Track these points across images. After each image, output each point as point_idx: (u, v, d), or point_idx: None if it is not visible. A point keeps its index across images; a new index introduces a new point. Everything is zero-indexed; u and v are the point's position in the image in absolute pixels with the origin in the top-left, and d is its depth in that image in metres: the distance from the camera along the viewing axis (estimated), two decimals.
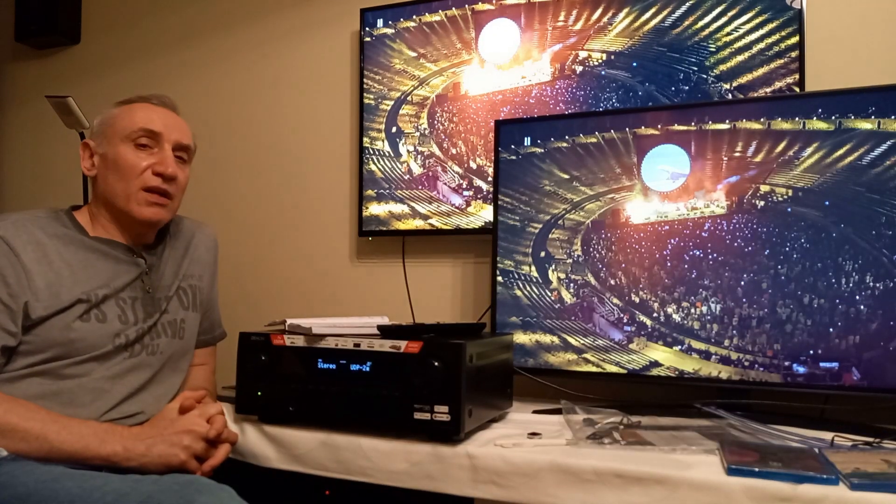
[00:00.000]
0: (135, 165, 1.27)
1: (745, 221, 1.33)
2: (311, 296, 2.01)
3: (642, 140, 1.43)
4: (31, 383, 1.17)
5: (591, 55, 1.67)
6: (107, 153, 1.29)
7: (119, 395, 1.23)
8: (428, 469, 1.13)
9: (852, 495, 0.91)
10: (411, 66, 1.85)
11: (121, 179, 1.27)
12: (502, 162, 1.55)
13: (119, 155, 1.27)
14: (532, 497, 1.06)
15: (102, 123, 1.32)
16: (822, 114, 1.29)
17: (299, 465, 1.22)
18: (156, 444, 1.12)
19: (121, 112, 1.31)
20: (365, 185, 1.89)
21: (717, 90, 1.55)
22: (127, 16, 2.33)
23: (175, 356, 1.35)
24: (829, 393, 1.28)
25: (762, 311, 1.31)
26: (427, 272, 1.87)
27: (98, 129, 1.32)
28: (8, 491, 1.00)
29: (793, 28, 1.49)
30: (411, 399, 1.14)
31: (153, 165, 1.28)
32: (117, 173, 1.27)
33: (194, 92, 2.19)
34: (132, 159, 1.27)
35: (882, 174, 1.24)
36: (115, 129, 1.29)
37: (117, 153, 1.27)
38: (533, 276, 1.51)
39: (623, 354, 1.41)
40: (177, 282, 1.37)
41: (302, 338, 1.24)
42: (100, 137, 1.31)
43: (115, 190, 1.27)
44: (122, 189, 1.27)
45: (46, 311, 1.17)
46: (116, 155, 1.27)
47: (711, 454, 1.06)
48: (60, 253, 1.22)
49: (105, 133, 1.30)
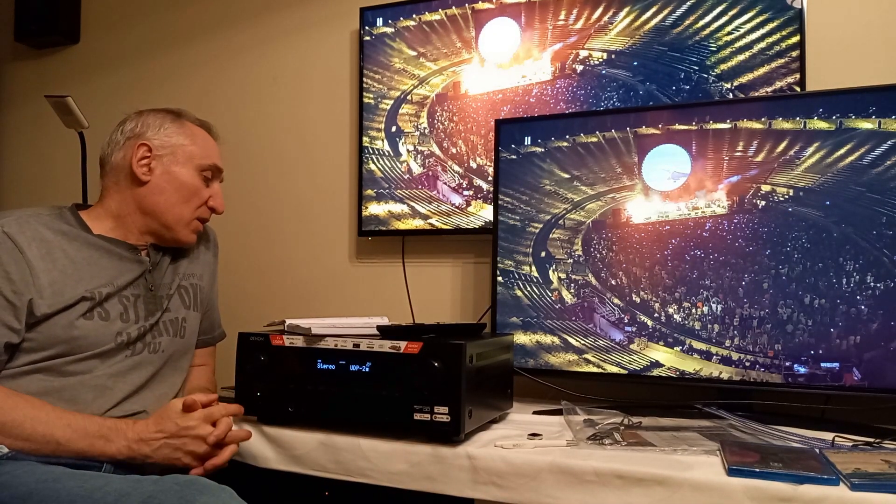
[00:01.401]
0: (200, 197, 1.35)
1: (746, 221, 1.33)
2: (310, 296, 2.01)
3: (643, 139, 1.43)
4: (34, 380, 1.17)
5: (592, 54, 1.67)
6: (173, 171, 1.32)
7: (121, 392, 1.23)
8: (428, 470, 1.12)
9: (853, 496, 0.91)
10: (411, 66, 1.85)
11: (182, 203, 1.33)
12: (502, 161, 1.55)
13: (188, 181, 1.33)
14: (532, 498, 1.06)
15: (170, 137, 1.33)
16: (823, 113, 1.29)
17: (299, 466, 1.22)
18: (161, 447, 1.12)
19: (191, 135, 1.35)
20: (364, 185, 1.89)
21: (717, 90, 1.55)
22: (126, 15, 2.33)
23: (176, 355, 1.35)
24: (829, 393, 1.28)
25: (763, 312, 1.31)
26: (427, 272, 1.87)
27: (163, 139, 1.32)
28: (8, 491, 1.00)
29: (793, 28, 1.49)
30: (411, 400, 1.14)
31: (210, 199, 1.37)
32: (181, 196, 1.32)
33: (194, 91, 2.19)
34: (199, 190, 1.35)
35: (883, 174, 1.24)
36: (189, 154, 1.33)
37: (186, 178, 1.33)
38: (533, 276, 1.51)
39: (624, 355, 1.41)
40: (178, 280, 1.37)
41: (301, 338, 1.24)
42: (166, 150, 1.32)
43: (172, 209, 1.32)
44: (179, 212, 1.32)
45: (50, 308, 1.17)
46: (184, 178, 1.33)
47: (712, 455, 1.06)
48: (65, 250, 1.22)
49: (174, 150, 1.33)
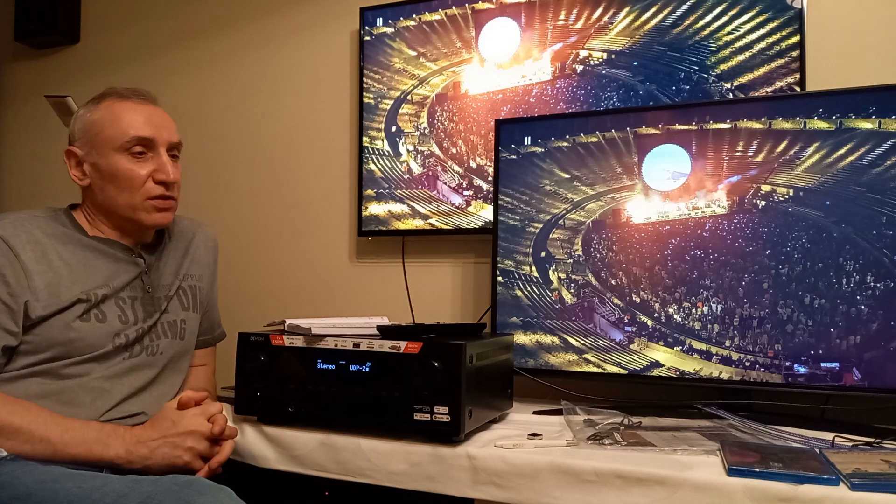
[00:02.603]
0: (135, 177, 1.24)
1: (747, 221, 1.33)
2: (310, 296, 2.01)
3: (643, 139, 1.43)
4: (32, 383, 1.17)
5: (592, 54, 1.67)
6: (99, 164, 1.24)
7: (119, 394, 1.23)
8: (428, 470, 1.12)
9: (853, 496, 0.90)
10: (411, 66, 1.85)
11: (122, 191, 1.24)
12: (502, 161, 1.55)
13: (115, 167, 1.23)
14: (532, 498, 1.06)
15: (86, 130, 1.25)
16: (823, 113, 1.29)
17: (298, 466, 1.22)
18: (159, 447, 1.12)
19: (103, 117, 1.24)
20: (364, 185, 1.89)
21: (717, 89, 1.55)
22: (126, 15, 2.33)
23: (176, 357, 1.34)
24: (829, 393, 1.28)
25: (763, 312, 1.31)
26: (427, 272, 1.87)
27: (81, 135, 1.26)
28: (8, 491, 1.00)
29: (793, 28, 1.49)
30: (411, 400, 1.14)
31: (153, 174, 1.25)
32: (117, 186, 1.24)
33: (194, 91, 2.19)
34: (131, 171, 1.23)
35: (883, 174, 1.24)
36: (104, 139, 1.23)
37: (113, 165, 1.23)
38: (533, 276, 1.51)
39: (624, 355, 1.41)
40: (177, 282, 1.37)
41: (301, 338, 1.24)
42: (87, 146, 1.25)
43: (118, 201, 1.25)
44: (126, 200, 1.24)
45: (46, 310, 1.16)
46: (112, 167, 1.23)
47: (712, 455, 1.06)
48: (59, 252, 1.22)
49: (92, 142, 1.24)
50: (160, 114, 1.29)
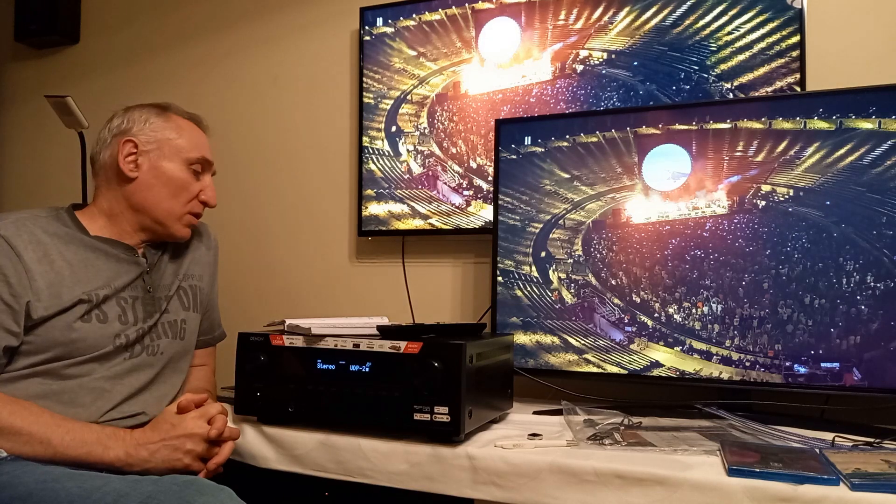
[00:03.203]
0: (190, 191, 1.33)
1: (747, 221, 1.33)
2: (310, 296, 2.01)
3: (643, 139, 1.43)
4: (32, 383, 1.17)
5: (592, 54, 1.67)
6: (161, 166, 1.30)
7: (120, 395, 1.23)
8: (428, 470, 1.12)
9: (853, 496, 0.90)
10: (411, 65, 1.85)
11: (171, 198, 1.31)
12: (503, 161, 1.55)
13: (176, 175, 1.31)
14: (532, 498, 1.06)
15: (156, 131, 1.31)
16: (823, 113, 1.29)
17: (298, 466, 1.22)
18: (159, 449, 1.12)
19: (179, 127, 1.33)
20: (364, 185, 1.89)
21: (718, 89, 1.55)
22: (126, 15, 2.33)
23: (176, 357, 1.35)
24: (829, 393, 1.28)
25: (763, 312, 1.31)
26: (427, 272, 1.87)
27: (149, 134, 1.31)
28: (8, 491, 1.00)
29: (793, 28, 1.49)
30: (411, 400, 1.14)
31: (200, 193, 1.35)
32: (170, 191, 1.31)
33: (193, 91, 2.19)
34: (189, 183, 1.33)
35: (883, 174, 1.24)
36: (175, 147, 1.32)
37: (175, 172, 1.31)
38: (533, 276, 1.51)
39: (624, 355, 1.41)
40: (177, 282, 1.37)
41: (301, 338, 1.24)
42: (152, 145, 1.30)
43: (162, 204, 1.30)
44: (170, 207, 1.31)
45: (48, 310, 1.16)
46: (173, 173, 1.31)
47: (712, 455, 1.06)
48: (61, 252, 1.21)
49: (161, 145, 1.31)
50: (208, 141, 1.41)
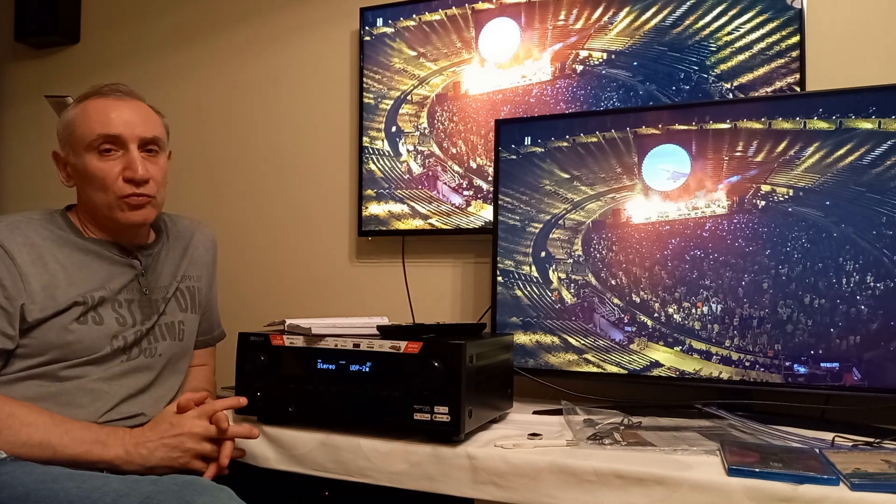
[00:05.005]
0: (104, 177, 1.21)
1: (746, 221, 1.33)
2: (310, 296, 2.01)
3: (643, 139, 1.43)
4: (30, 385, 1.17)
5: (592, 54, 1.67)
6: (76, 164, 1.24)
7: (118, 396, 1.23)
8: (428, 470, 1.12)
9: (853, 496, 0.90)
10: (411, 66, 1.85)
11: (97, 191, 1.23)
12: (502, 161, 1.55)
13: (86, 167, 1.22)
14: (532, 498, 1.06)
15: (64, 130, 1.25)
16: (823, 113, 1.29)
17: (299, 466, 1.22)
18: (158, 449, 1.12)
19: (77, 116, 1.24)
20: (364, 185, 1.89)
21: (717, 90, 1.55)
22: (126, 15, 2.33)
23: (175, 358, 1.34)
24: (829, 393, 1.28)
25: (763, 312, 1.31)
26: (427, 272, 1.87)
27: (62, 136, 1.26)
28: (7, 491, 1.00)
29: (793, 28, 1.49)
30: (411, 399, 1.14)
31: (123, 172, 1.22)
32: (91, 185, 1.23)
33: (193, 91, 2.19)
34: (99, 170, 1.21)
35: (883, 174, 1.24)
36: (76, 138, 1.23)
37: (84, 165, 1.22)
38: (533, 276, 1.51)
39: (624, 355, 1.41)
40: (175, 283, 1.36)
41: (301, 338, 1.24)
42: (66, 147, 1.26)
43: (95, 201, 1.24)
44: (101, 199, 1.23)
45: (42, 313, 1.16)
46: (84, 167, 1.22)
47: (712, 455, 1.06)
48: (55, 255, 1.21)
49: (69, 142, 1.25)
50: (134, 109, 1.25)
